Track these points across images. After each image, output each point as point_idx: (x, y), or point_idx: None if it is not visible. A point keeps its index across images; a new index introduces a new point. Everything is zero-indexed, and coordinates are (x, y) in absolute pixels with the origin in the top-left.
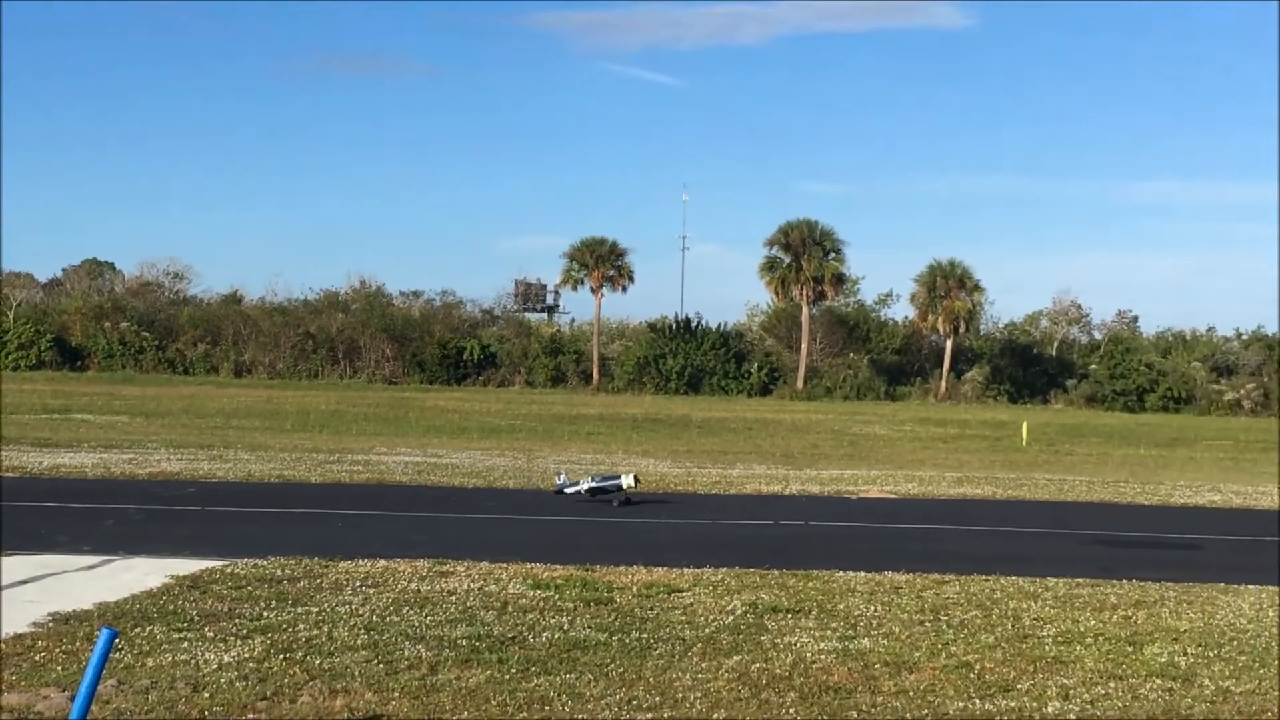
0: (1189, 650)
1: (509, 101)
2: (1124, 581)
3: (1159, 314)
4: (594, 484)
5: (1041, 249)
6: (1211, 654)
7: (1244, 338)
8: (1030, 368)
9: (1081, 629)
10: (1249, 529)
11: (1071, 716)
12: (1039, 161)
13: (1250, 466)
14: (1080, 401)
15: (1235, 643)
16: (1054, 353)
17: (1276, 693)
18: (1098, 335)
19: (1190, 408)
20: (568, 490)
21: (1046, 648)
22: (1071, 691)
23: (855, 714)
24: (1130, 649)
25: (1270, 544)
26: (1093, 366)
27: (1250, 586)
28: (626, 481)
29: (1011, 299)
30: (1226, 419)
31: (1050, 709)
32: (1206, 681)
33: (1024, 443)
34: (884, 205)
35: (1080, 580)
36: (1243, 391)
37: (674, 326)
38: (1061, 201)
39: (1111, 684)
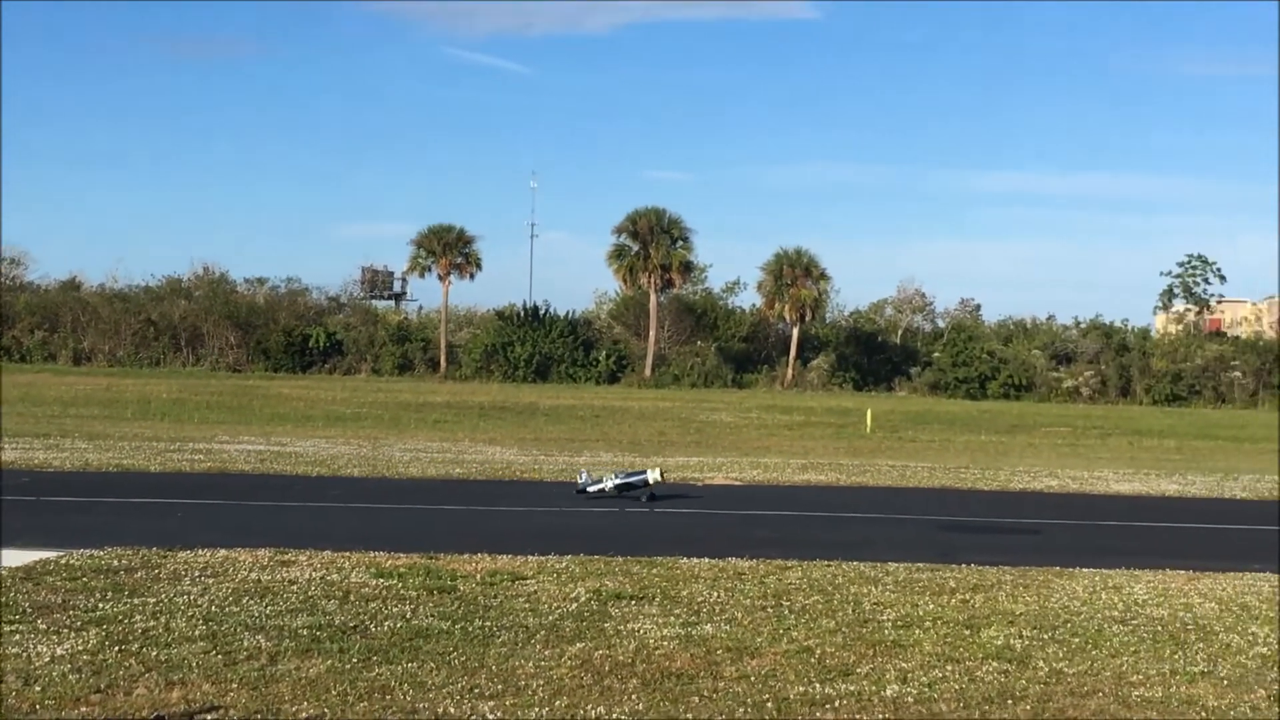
0: (1024, 633)
1: (353, 87)
2: (963, 566)
3: (1001, 303)
4: (620, 480)
5: (887, 238)
6: (1046, 636)
7: (1082, 326)
8: (875, 355)
9: (920, 613)
10: (1085, 513)
11: (910, 699)
12: (884, 151)
13: (1087, 452)
14: (924, 389)
15: (1069, 625)
16: (898, 341)
17: (1108, 673)
18: (941, 323)
19: (1030, 395)
20: (590, 489)
21: (886, 632)
22: (910, 674)
23: (697, 699)
24: (967, 632)
25: (1107, 527)
26: (936, 354)
27: (1085, 570)
28: (653, 476)
29: (857, 287)
30: (1065, 406)
31: (889, 692)
32: (1041, 663)
33: (868, 430)
34: (732, 194)
35: (920, 565)
36: (1081, 379)
37: (522, 314)
38: (907, 191)
39: (949, 666)
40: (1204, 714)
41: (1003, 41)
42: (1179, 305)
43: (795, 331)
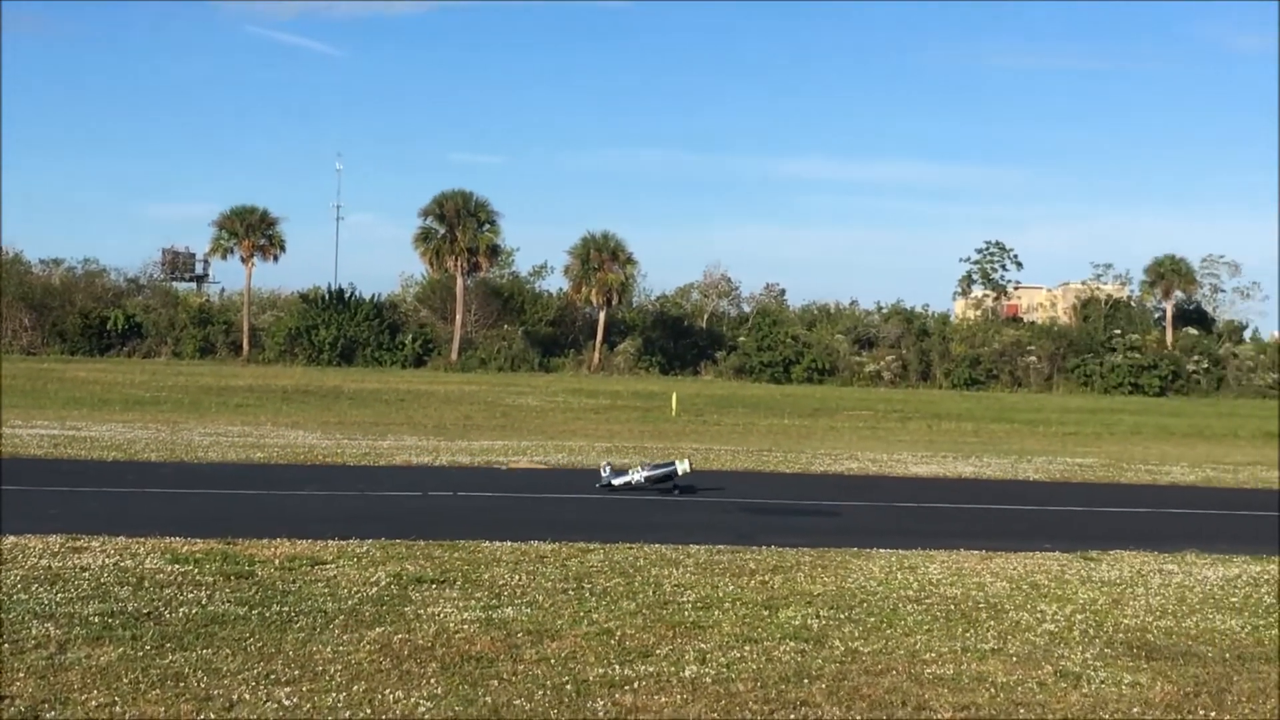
0: (821, 613)
1: (153, 64)
2: (763, 548)
3: (805, 288)
4: (649, 472)
5: (693, 223)
6: (843, 616)
7: (884, 311)
8: (681, 339)
9: (720, 594)
10: (884, 495)
11: (708, 679)
12: (690, 136)
13: (888, 435)
14: (729, 373)
15: (865, 605)
16: (704, 325)
17: (902, 651)
18: (747, 308)
19: (833, 379)
20: (616, 482)
21: (686, 613)
22: (708, 655)
23: (496, 683)
24: (766, 613)
25: (905, 509)
26: (741, 339)
27: (882, 550)
28: (683, 467)
29: (664, 272)
30: (867, 389)
31: (687, 672)
32: (837, 642)
33: (673, 413)
34: (540, 177)
35: (721, 547)
36: (882, 363)
37: (327, 297)
38: (713, 176)
39: (747, 647)
40: (993, 690)
41: (807, 31)
42: (978, 291)
43: (602, 315)
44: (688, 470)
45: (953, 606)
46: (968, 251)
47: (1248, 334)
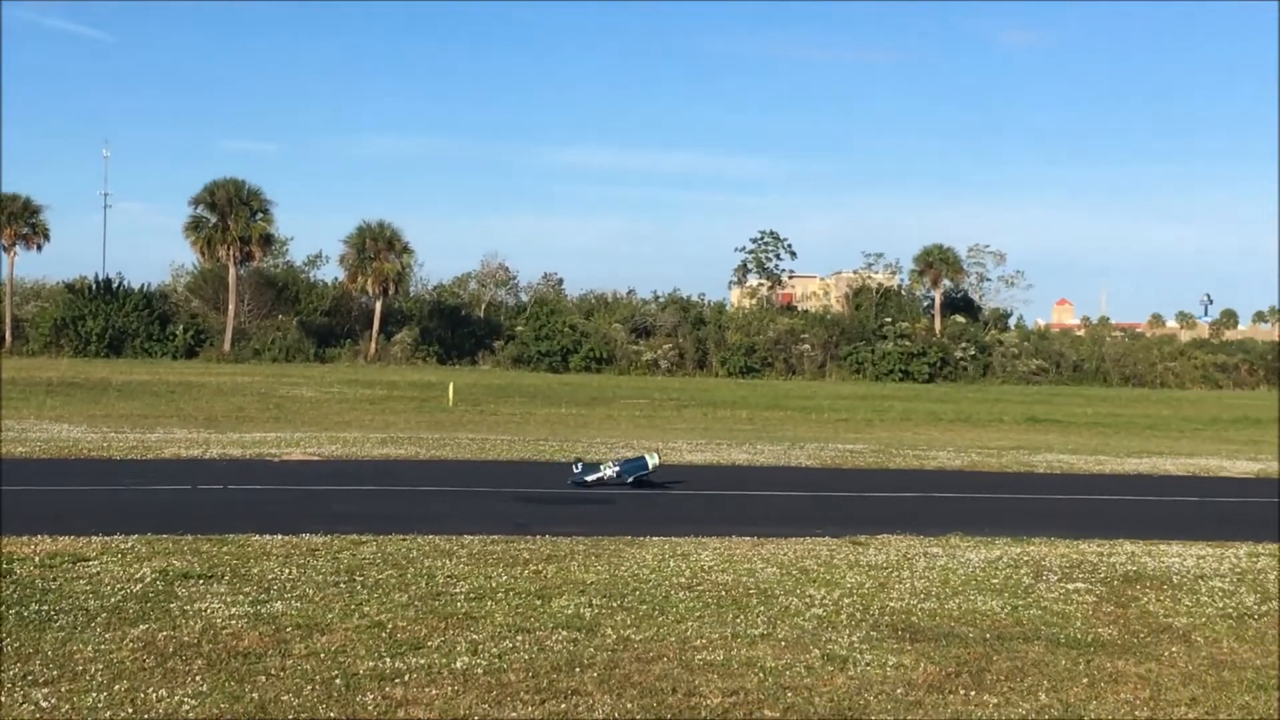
0: (594, 601)
1: None
2: (537, 537)
3: (583, 277)
4: (621, 467)
5: (471, 212)
6: (615, 604)
7: (661, 300)
8: (459, 329)
9: (493, 584)
10: (659, 483)
11: (479, 670)
12: (467, 125)
13: (664, 423)
14: (507, 362)
15: (638, 592)
16: (482, 314)
17: (673, 638)
18: (525, 297)
19: (611, 368)
20: (589, 479)
21: (458, 604)
22: (480, 646)
23: (264, 678)
24: (539, 602)
25: (679, 496)
26: (519, 328)
27: (655, 538)
28: (653, 461)
29: (442, 261)
30: (644, 378)
31: (459, 664)
32: (609, 630)
33: (450, 403)
34: (315, 165)
35: (495, 537)
36: (660, 352)
37: (94, 287)
38: (489, 165)
39: (519, 637)
40: (762, 674)
41: (581, 19)
42: (753, 280)
43: (379, 305)
44: (658, 464)
45: (724, 593)
46: (743, 241)
47: (1012, 321)
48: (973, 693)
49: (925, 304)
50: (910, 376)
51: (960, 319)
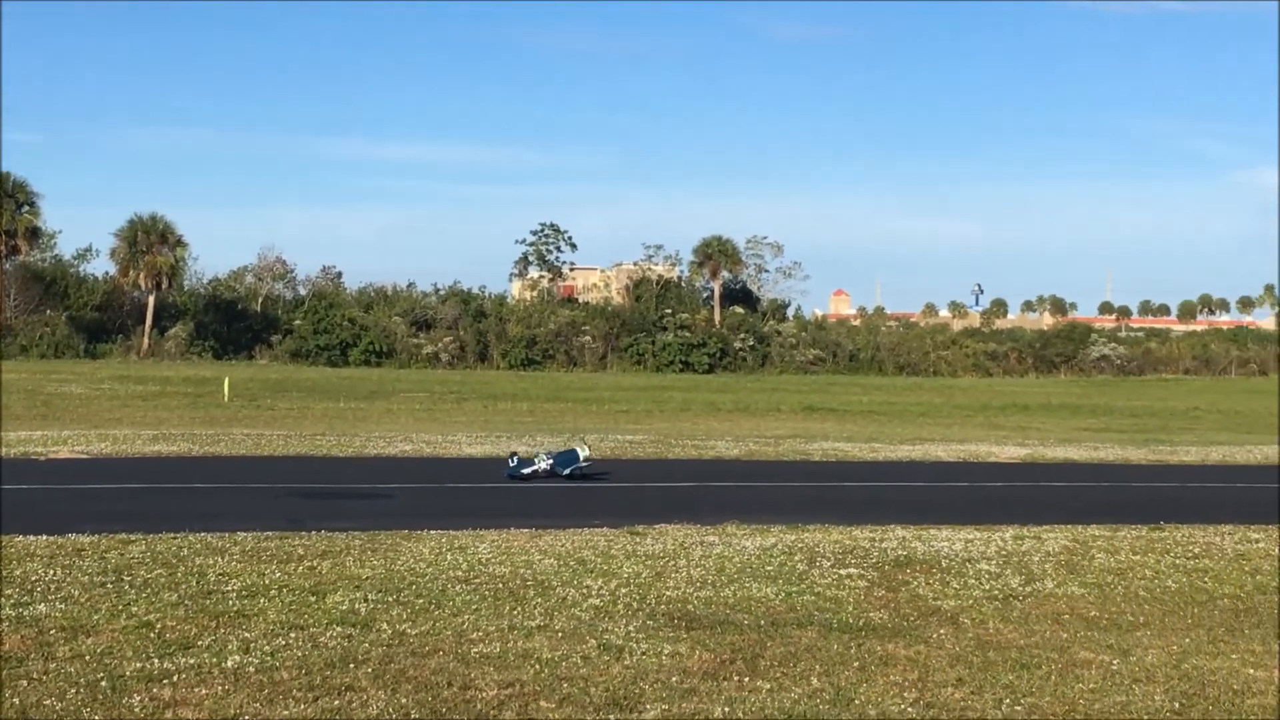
0: (370, 596)
1: None
2: (313, 533)
3: (362, 270)
4: (554, 459)
5: (247, 205)
6: (391, 599)
7: (441, 293)
8: (235, 323)
9: (267, 581)
10: (437, 477)
11: (251, 668)
12: (238, 116)
13: (444, 417)
14: (285, 357)
15: (414, 586)
16: (259, 308)
17: (450, 631)
18: (303, 291)
19: (392, 361)
20: (525, 471)
21: (230, 602)
22: (253, 644)
23: (25, 683)
24: (313, 599)
25: (458, 489)
26: (297, 322)
27: (433, 532)
28: (584, 453)
29: (217, 254)
30: (425, 371)
31: (230, 663)
32: (385, 625)
33: (226, 399)
34: (85, 157)
35: (270, 534)
36: (440, 345)
37: None
38: (259, 157)
39: (293, 634)
40: (538, 666)
41: (354, 11)
42: (534, 273)
43: (151, 300)
44: (589, 455)
45: (501, 585)
46: (523, 234)
47: (790, 312)
48: (746, 679)
49: (705, 295)
50: (690, 367)
51: (739, 310)
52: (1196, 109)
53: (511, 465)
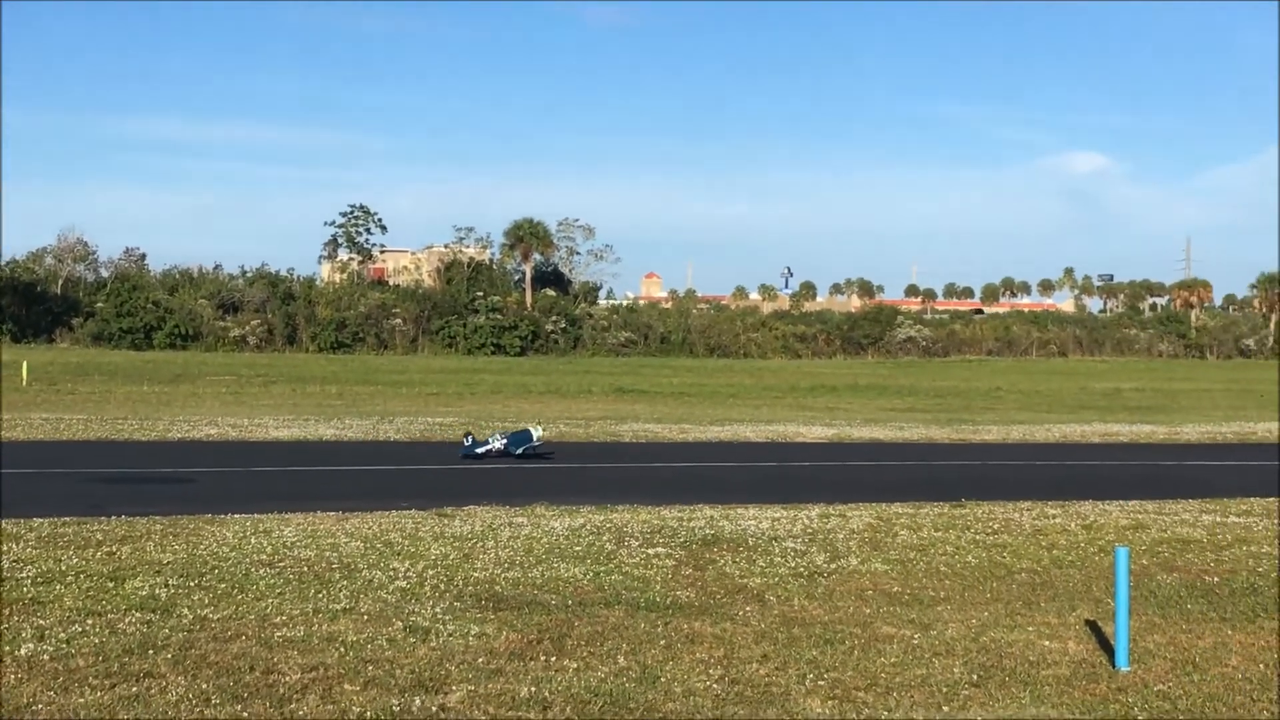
0: (171, 581)
1: None
2: (112, 518)
3: (167, 252)
4: (507, 440)
5: (45, 185)
6: (193, 584)
7: (249, 275)
8: (35, 306)
9: (63, 568)
10: (242, 460)
11: (46, 656)
12: (32, 93)
13: (251, 400)
14: (87, 340)
15: (216, 571)
16: (59, 291)
17: (253, 616)
18: (105, 273)
19: (197, 344)
20: (479, 451)
21: (25, 589)
22: (48, 631)
23: None
24: (112, 584)
25: (263, 473)
26: (99, 305)
27: (237, 515)
28: (538, 433)
29: (14, 236)
30: (232, 354)
31: (24, 650)
32: (185, 611)
33: (24, 383)
34: None
35: (66, 519)
36: (248, 328)
37: None
38: (57, 135)
39: (90, 620)
40: (343, 649)
41: None
42: (344, 255)
43: None
44: (542, 436)
45: (306, 568)
46: (333, 215)
47: (602, 295)
48: (553, 658)
49: (516, 278)
50: (503, 350)
51: (551, 293)
52: (1002, 96)
53: (466, 445)
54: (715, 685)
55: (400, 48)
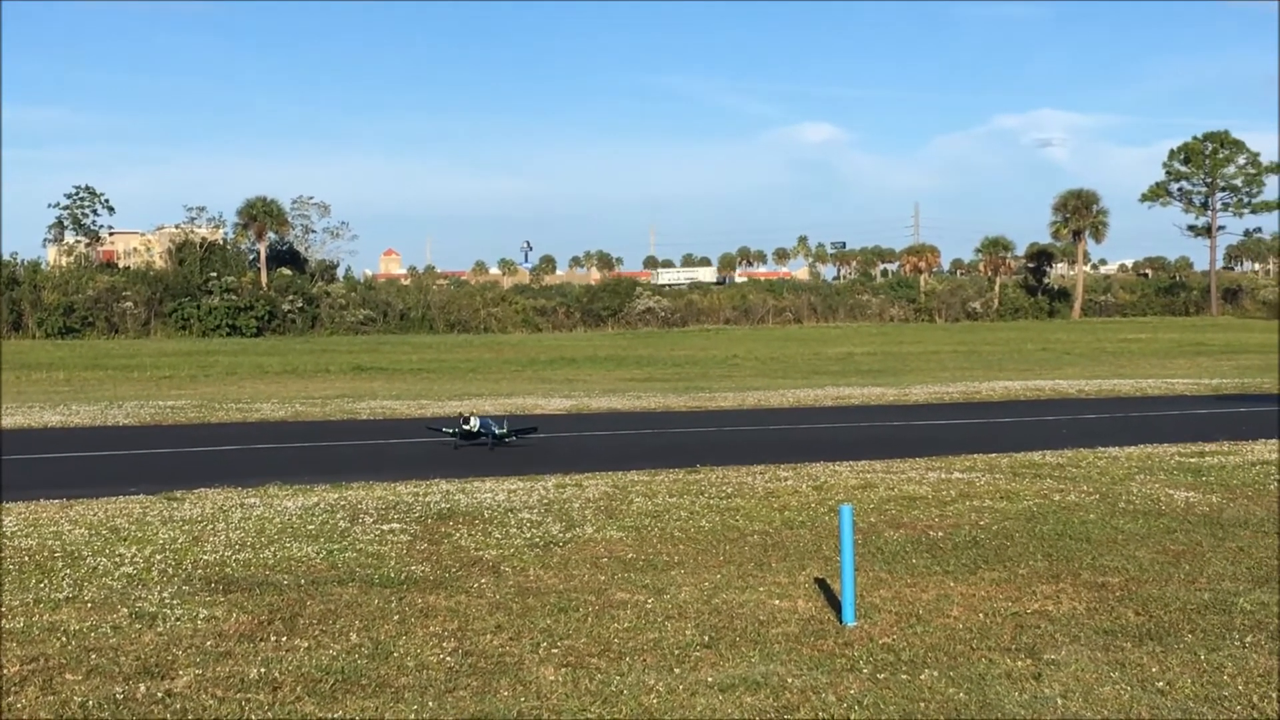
0: None
1: None
2: None
3: None
4: (482, 423)
5: None
6: None
7: None
8: None
9: None
10: None
11: None
12: None
13: None
14: None
15: None
16: None
17: None
18: None
19: None
20: (458, 430)
21: None
22: None
23: None
24: None
25: None
26: None
27: None
28: (498, 428)
29: None
30: None
31: None
32: None
33: None
34: None
35: None
36: None
37: None
38: None
39: None
40: (65, 638)
41: None
42: (70, 238)
43: None
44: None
45: (28, 558)
46: (57, 197)
47: (340, 272)
48: (284, 638)
49: (251, 257)
50: (238, 331)
51: (286, 271)
52: (732, 69)
53: (465, 428)
54: (449, 658)
55: (125, 26)
